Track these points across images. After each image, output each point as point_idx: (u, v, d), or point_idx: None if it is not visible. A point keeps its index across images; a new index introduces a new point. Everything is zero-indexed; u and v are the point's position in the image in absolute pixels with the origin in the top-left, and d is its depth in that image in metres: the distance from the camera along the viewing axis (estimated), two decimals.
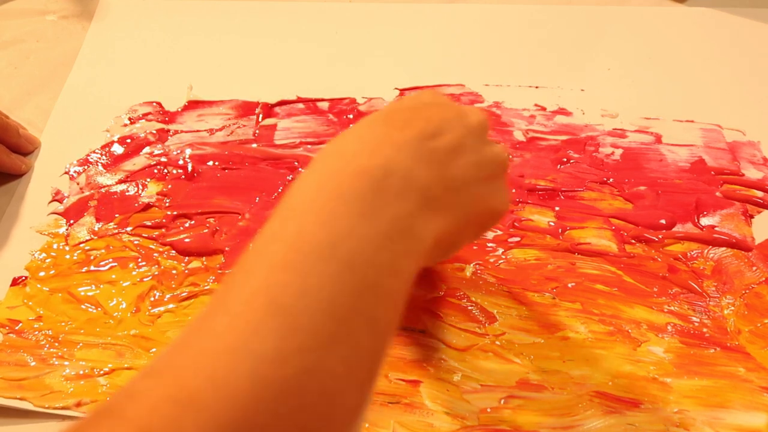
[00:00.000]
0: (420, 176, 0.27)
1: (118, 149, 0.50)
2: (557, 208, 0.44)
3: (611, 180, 0.46)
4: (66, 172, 0.48)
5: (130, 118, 0.52)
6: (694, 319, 0.39)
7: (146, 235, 0.44)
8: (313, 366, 0.22)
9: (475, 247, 0.42)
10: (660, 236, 0.43)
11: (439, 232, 0.28)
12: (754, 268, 0.41)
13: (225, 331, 0.22)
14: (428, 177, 0.28)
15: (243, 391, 0.20)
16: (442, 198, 0.28)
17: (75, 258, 0.43)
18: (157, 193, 0.46)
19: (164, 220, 0.45)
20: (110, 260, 0.43)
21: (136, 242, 0.44)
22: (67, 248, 0.44)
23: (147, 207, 0.46)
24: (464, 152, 0.30)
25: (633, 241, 0.43)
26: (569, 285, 0.40)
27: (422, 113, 0.30)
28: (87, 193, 0.47)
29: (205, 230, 0.44)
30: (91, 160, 0.49)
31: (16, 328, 0.40)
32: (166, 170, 0.48)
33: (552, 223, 0.43)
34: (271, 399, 0.21)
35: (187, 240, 0.44)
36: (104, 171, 0.48)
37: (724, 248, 0.42)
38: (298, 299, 0.23)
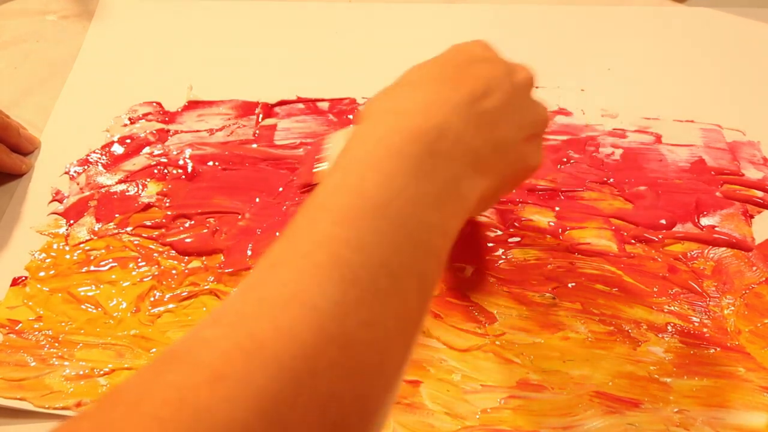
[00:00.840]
0: (470, 139, 0.29)
1: (118, 149, 0.50)
2: (557, 208, 0.44)
3: (611, 180, 0.46)
4: (66, 172, 0.48)
5: (130, 118, 0.52)
6: (694, 319, 0.39)
7: (146, 235, 0.44)
8: (369, 319, 0.23)
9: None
10: (660, 236, 0.43)
11: (484, 191, 0.29)
12: (754, 268, 0.41)
13: (289, 283, 0.23)
14: (477, 140, 0.29)
15: (307, 342, 0.22)
16: (489, 160, 0.30)
17: (75, 258, 0.43)
18: (157, 193, 0.46)
19: (164, 220, 0.45)
20: (110, 260, 0.43)
21: (136, 242, 0.44)
22: (67, 248, 0.44)
23: (147, 207, 0.46)
24: (510, 113, 0.31)
25: (633, 241, 0.43)
26: (569, 285, 0.40)
27: (472, 71, 0.31)
28: (87, 193, 0.47)
29: (205, 230, 0.44)
30: (91, 160, 0.49)
31: (16, 328, 0.40)
32: (166, 170, 0.48)
33: (552, 223, 0.43)
34: (332, 349, 0.22)
35: (187, 240, 0.44)
36: (104, 171, 0.48)
37: (724, 248, 0.42)
38: (356, 254, 0.24)
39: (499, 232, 0.43)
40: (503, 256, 0.42)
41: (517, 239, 0.43)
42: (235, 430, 0.20)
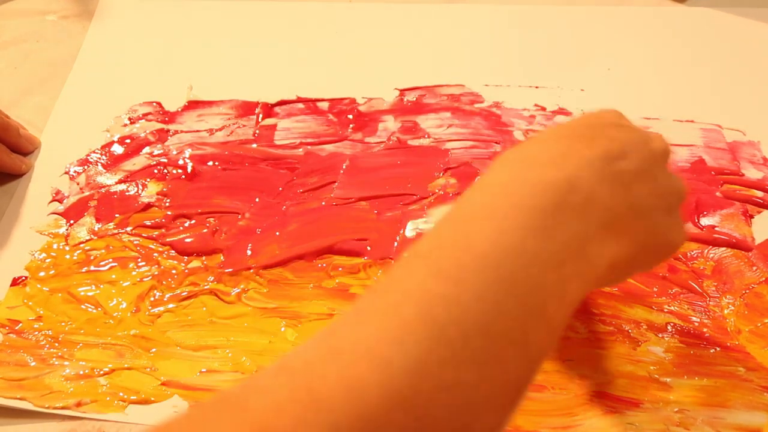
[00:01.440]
0: (604, 196, 0.26)
1: (118, 149, 0.50)
2: None
3: None
4: (66, 172, 0.48)
5: (130, 118, 0.52)
6: (694, 319, 0.39)
7: (146, 235, 0.44)
8: (452, 383, 0.21)
9: None
10: None
11: (615, 257, 0.27)
12: (754, 268, 0.41)
13: (367, 335, 0.21)
14: (612, 198, 0.26)
15: (372, 402, 0.20)
16: (623, 222, 0.27)
17: (75, 258, 0.43)
18: (157, 193, 0.47)
19: (164, 220, 0.45)
20: (110, 260, 0.43)
21: (136, 242, 0.44)
22: (67, 248, 0.44)
23: (147, 207, 0.46)
24: (647, 178, 0.28)
25: None
26: None
27: (607, 132, 0.29)
28: (87, 193, 0.47)
29: (205, 230, 0.44)
30: (91, 160, 0.49)
31: (16, 328, 0.40)
32: (166, 170, 0.48)
33: None
34: (402, 412, 0.20)
35: (187, 240, 0.44)
36: (104, 171, 0.48)
37: (724, 248, 0.42)
38: (450, 312, 0.22)
39: None
40: None
41: None
42: None
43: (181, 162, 0.48)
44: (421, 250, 0.24)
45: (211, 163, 0.48)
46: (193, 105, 0.53)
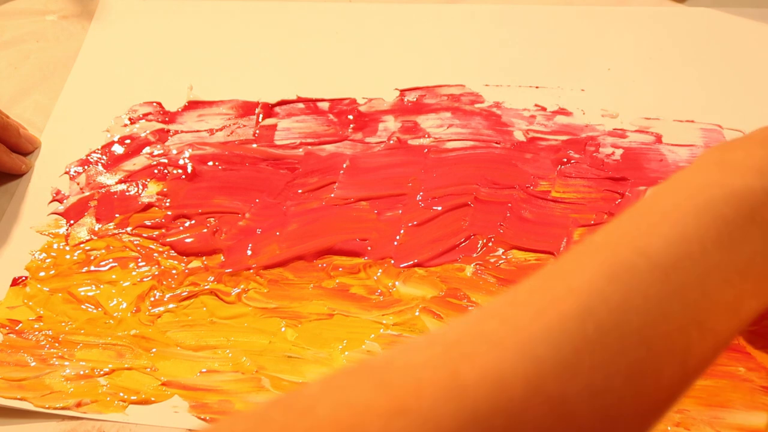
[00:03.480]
0: None
1: (118, 149, 0.50)
2: None
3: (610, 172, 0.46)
4: (66, 172, 0.48)
5: (130, 118, 0.52)
6: None
7: (146, 235, 0.44)
8: (601, 388, 0.20)
9: (475, 254, 0.42)
10: None
11: None
12: None
13: (518, 325, 0.20)
14: None
15: (515, 397, 0.19)
16: None
17: (75, 258, 0.43)
18: (157, 193, 0.46)
19: (164, 220, 0.45)
20: (110, 260, 0.43)
21: (136, 242, 0.44)
22: (67, 248, 0.44)
23: (147, 207, 0.46)
24: None
25: None
26: None
27: None
28: (87, 194, 0.47)
29: (205, 230, 0.44)
30: (91, 160, 0.49)
31: (16, 328, 0.40)
32: (166, 170, 0.48)
33: None
34: (545, 411, 0.19)
35: (187, 240, 0.44)
36: (104, 171, 0.48)
37: None
38: (612, 314, 0.20)
39: (501, 231, 0.43)
40: (503, 256, 0.42)
41: None
42: None
43: (181, 162, 0.48)
44: (597, 241, 0.23)
45: (211, 163, 0.48)
46: (193, 105, 0.53)
